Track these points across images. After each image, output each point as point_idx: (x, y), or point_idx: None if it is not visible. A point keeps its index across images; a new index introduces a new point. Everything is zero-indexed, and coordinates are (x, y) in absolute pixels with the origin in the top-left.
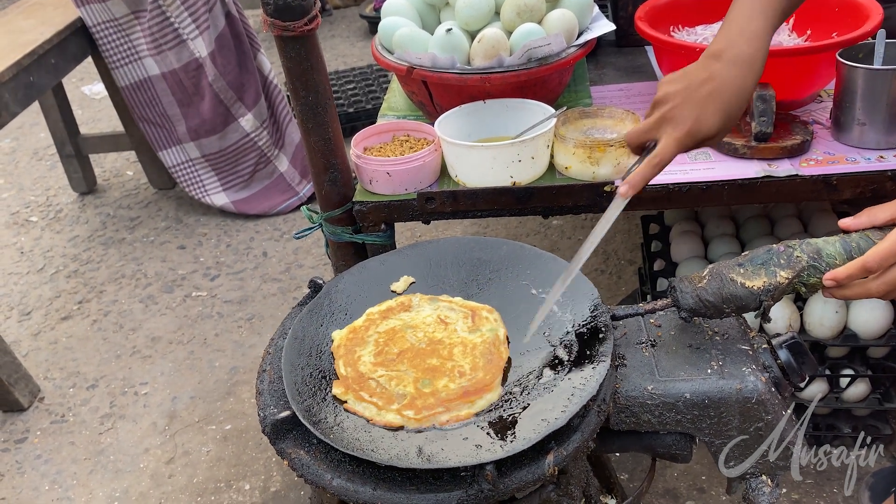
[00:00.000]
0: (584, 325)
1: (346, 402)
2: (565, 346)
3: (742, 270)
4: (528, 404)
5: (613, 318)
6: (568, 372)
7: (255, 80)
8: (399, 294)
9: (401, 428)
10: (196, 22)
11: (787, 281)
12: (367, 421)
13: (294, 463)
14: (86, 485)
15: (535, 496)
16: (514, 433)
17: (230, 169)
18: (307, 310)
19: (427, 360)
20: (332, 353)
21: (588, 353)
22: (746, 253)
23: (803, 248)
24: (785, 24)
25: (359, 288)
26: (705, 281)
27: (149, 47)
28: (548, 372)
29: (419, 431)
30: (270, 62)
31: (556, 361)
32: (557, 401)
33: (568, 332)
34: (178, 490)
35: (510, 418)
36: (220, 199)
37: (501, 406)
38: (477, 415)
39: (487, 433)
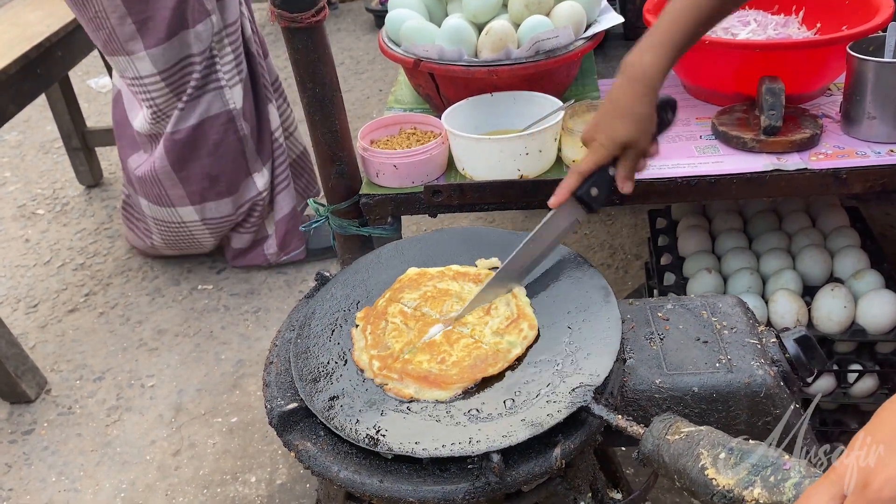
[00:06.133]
0: (553, 397)
1: (357, 325)
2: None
3: (722, 455)
4: (454, 424)
5: (584, 409)
6: (503, 420)
7: (268, 130)
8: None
9: (361, 371)
10: (238, 66)
11: (753, 501)
12: (350, 350)
13: (301, 455)
14: (93, 476)
15: (541, 489)
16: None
17: (227, 232)
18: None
19: None
20: (394, 280)
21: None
22: (753, 444)
23: (800, 484)
24: (795, 16)
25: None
26: (678, 437)
27: (185, 99)
28: (500, 405)
29: (372, 381)
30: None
31: (514, 399)
32: (467, 434)
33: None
34: (185, 482)
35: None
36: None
37: (441, 408)
38: (414, 401)
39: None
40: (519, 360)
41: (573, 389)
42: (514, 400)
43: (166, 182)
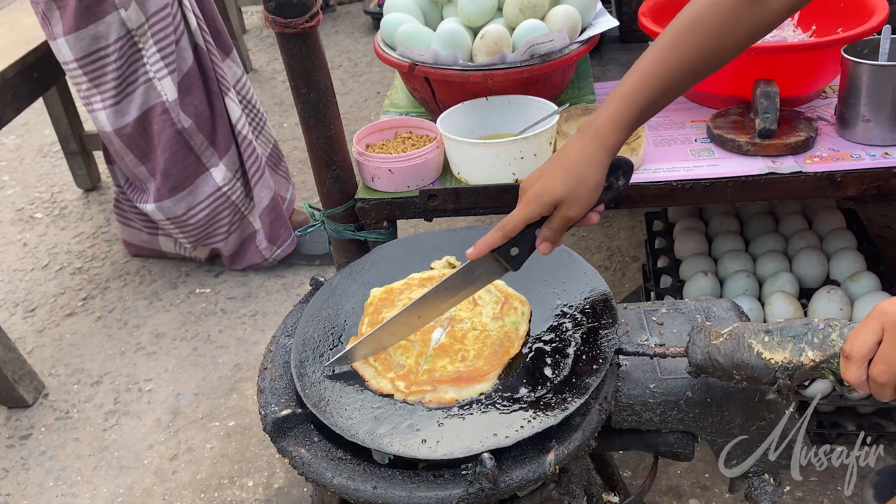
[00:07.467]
0: (586, 350)
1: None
2: (561, 357)
3: (766, 339)
4: (514, 408)
5: (619, 351)
6: (558, 384)
7: (225, 124)
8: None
9: (391, 396)
10: (165, 59)
11: (812, 363)
12: (364, 383)
13: (295, 461)
14: (90, 481)
15: (536, 494)
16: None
17: (200, 234)
18: (350, 267)
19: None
20: (363, 308)
21: (576, 381)
22: (782, 321)
23: (843, 332)
24: (790, 19)
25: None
26: (722, 339)
27: (111, 94)
28: (547, 374)
29: (405, 402)
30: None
31: (555, 365)
32: (519, 418)
33: (569, 351)
34: (182, 486)
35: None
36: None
37: (490, 399)
38: (457, 404)
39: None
40: (528, 334)
41: (598, 338)
42: (557, 365)
43: (142, 177)
